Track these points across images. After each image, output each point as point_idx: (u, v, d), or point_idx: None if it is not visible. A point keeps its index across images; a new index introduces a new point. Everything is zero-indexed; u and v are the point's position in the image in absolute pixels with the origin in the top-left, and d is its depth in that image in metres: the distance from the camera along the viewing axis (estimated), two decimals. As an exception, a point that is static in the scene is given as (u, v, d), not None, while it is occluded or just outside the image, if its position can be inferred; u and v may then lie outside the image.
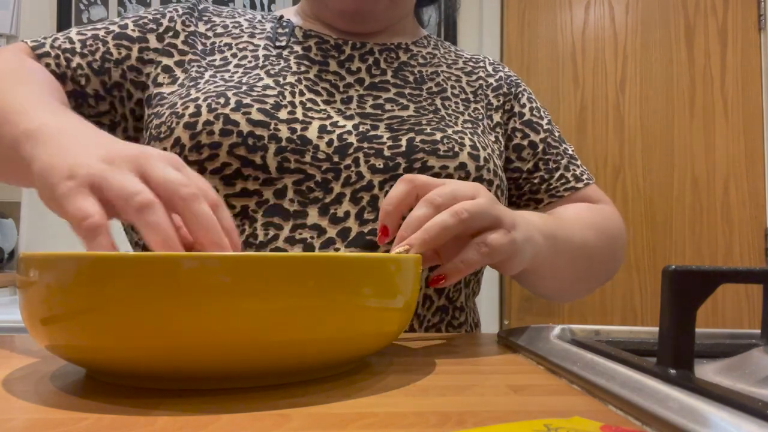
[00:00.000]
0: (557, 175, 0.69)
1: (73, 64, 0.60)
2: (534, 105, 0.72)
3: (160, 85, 0.61)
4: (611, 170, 1.91)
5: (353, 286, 0.30)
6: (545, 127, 0.71)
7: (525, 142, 0.69)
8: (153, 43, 0.63)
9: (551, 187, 0.69)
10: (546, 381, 0.33)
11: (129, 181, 0.34)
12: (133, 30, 0.63)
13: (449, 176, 0.57)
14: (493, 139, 0.66)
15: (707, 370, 0.33)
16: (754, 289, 1.86)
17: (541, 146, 0.69)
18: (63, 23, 1.82)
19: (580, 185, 0.69)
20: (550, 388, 0.31)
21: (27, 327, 0.31)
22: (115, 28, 0.63)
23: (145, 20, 0.64)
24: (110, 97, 0.61)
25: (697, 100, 1.92)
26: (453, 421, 0.25)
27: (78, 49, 0.61)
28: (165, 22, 0.64)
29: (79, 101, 0.61)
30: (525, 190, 0.69)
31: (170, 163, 0.36)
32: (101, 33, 0.63)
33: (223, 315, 0.26)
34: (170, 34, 0.64)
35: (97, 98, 0.61)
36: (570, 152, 0.71)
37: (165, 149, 0.55)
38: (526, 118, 0.70)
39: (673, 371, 0.28)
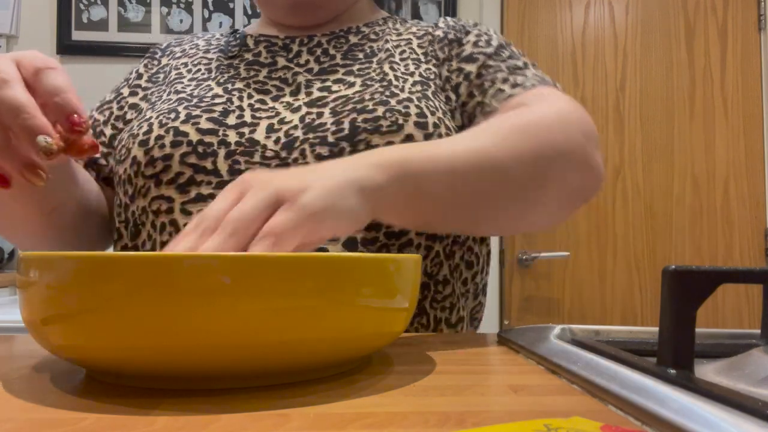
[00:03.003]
0: (491, 91, 0.59)
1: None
2: (483, 38, 0.64)
3: (129, 121, 0.67)
4: (611, 170, 1.91)
5: (353, 286, 0.30)
6: (489, 52, 0.62)
7: (460, 78, 0.61)
8: (125, 91, 0.70)
9: (485, 105, 0.58)
10: (546, 381, 0.33)
11: None
12: (110, 95, 0.70)
13: None
14: (445, 99, 0.61)
15: (707, 370, 0.33)
16: (754, 289, 1.86)
17: (475, 72, 0.60)
18: (63, 23, 1.82)
19: (516, 90, 0.57)
20: (550, 388, 0.31)
21: (27, 327, 0.31)
22: (98, 104, 0.69)
23: (118, 84, 0.71)
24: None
25: (697, 100, 1.92)
26: (453, 421, 0.25)
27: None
28: (132, 74, 0.72)
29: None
30: (465, 125, 0.60)
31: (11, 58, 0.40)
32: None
33: (223, 315, 0.26)
34: (136, 78, 0.71)
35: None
36: (518, 64, 0.61)
37: (125, 170, 0.58)
38: (465, 54, 0.62)
39: (673, 371, 0.28)
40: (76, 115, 0.38)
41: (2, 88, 0.38)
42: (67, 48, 1.82)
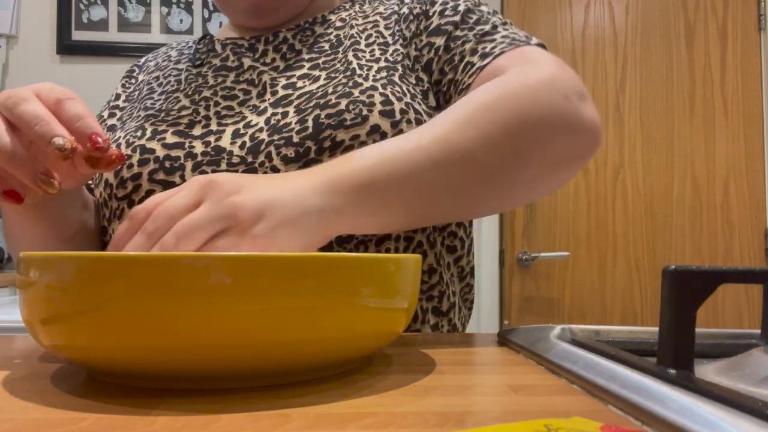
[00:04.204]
0: (461, 66, 0.56)
1: None
2: (447, 7, 0.60)
3: None
4: (611, 170, 1.91)
5: (353, 286, 0.30)
6: (456, 20, 0.58)
7: (432, 54, 0.58)
8: (105, 114, 0.70)
9: (458, 82, 0.55)
10: (546, 381, 0.33)
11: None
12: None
13: (363, 145, 0.50)
14: (414, 80, 0.58)
15: (707, 370, 0.33)
16: (754, 289, 1.86)
17: (443, 46, 0.57)
18: (63, 23, 1.82)
19: (487, 60, 0.53)
20: (550, 388, 0.31)
21: (27, 327, 0.31)
22: None
23: (102, 108, 0.71)
24: None
25: (697, 100, 1.92)
26: (453, 421, 0.25)
27: None
28: (112, 96, 0.72)
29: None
30: (442, 105, 0.57)
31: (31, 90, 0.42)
32: None
33: (223, 315, 0.26)
34: (115, 99, 0.71)
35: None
36: (486, 29, 0.57)
37: (100, 194, 0.59)
38: (432, 26, 0.59)
39: (673, 371, 0.28)
40: (95, 135, 0.41)
41: (21, 105, 0.40)
42: (67, 48, 1.82)
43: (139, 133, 0.58)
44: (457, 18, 0.59)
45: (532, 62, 0.51)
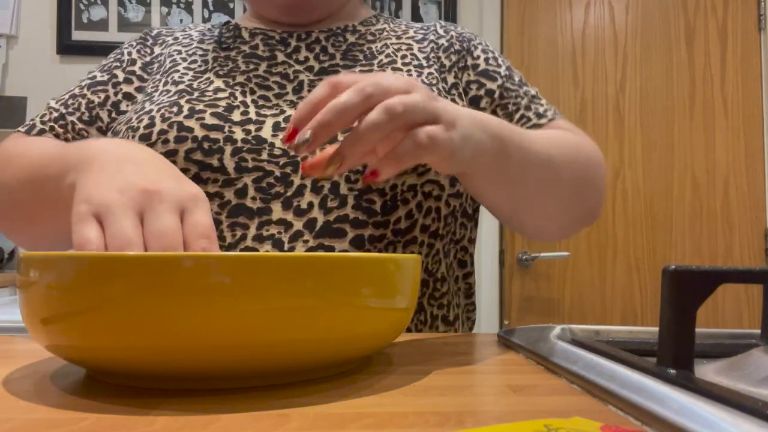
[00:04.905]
0: (517, 116, 0.65)
1: (69, 127, 0.64)
2: (490, 55, 0.68)
3: (123, 112, 0.65)
4: (611, 170, 1.91)
5: (353, 286, 0.30)
6: (503, 73, 0.67)
7: (482, 92, 0.66)
8: (120, 75, 0.68)
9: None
10: (546, 381, 0.33)
11: (124, 225, 0.34)
12: (102, 75, 0.68)
13: None
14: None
15: (707, 370, 0.33)
16: (754, 289, 1.86)
17: (497, 92, 0.66)
18: (63, 23, 1.82)
19: (543, 121, 0.64)
20: (550, 388, 0.31)
21: (27, 327, 0.31)
22: (87, 81, 0.68)
23: (109, 63, 0.69)
24: None
25: (697, 100, 1.92)
26: (453, 421, 0.25)
27: (64, 111, 0.64)
28: (125, 56, 0.70)
29: None
30: None
31: (179, 205, 0.36)
32: (76, 90, 0.67)
33: (223, 315, 0.26)
34: (130, 64, 0.69)
35: None
36: (532, 93, 0.67)
37: None
38: (481, 68, 0.67)
39: (673, 371, 0.28)
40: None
41: (199, 208, 0.37)
42: (67, 48, 1.82)
43: (174, 109, 0.57)
44: (503, 71, 0.67)
45: (578, 132, 0.63)
